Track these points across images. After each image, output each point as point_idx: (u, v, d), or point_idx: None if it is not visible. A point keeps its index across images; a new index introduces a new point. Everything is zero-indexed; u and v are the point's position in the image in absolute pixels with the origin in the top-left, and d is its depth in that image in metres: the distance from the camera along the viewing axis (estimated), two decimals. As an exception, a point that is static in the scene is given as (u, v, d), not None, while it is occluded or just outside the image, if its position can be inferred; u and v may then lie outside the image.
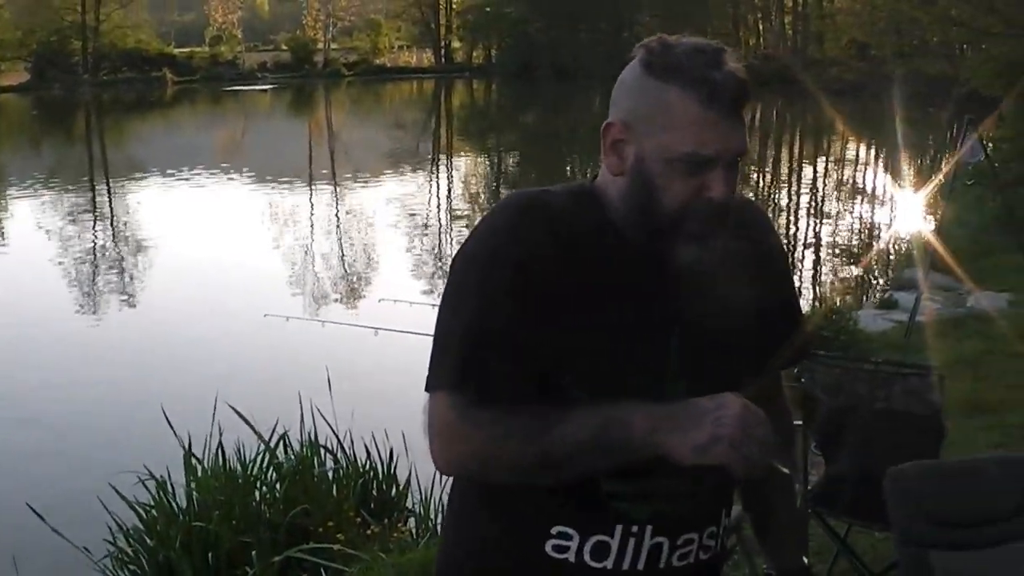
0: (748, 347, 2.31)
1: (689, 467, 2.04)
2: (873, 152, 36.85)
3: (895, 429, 4.86)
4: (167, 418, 6.83)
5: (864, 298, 14.35)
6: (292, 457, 6.81)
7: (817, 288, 15.09)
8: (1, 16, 75.54)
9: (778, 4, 78.23)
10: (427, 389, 2.15)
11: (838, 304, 11.23)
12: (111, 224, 22.66)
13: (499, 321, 2.10)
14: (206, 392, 7.39)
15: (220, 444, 6.75)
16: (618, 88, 2.19)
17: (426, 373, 2.15)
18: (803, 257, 18.47)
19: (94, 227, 21.88)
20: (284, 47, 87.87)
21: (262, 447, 6.76)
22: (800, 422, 5.49)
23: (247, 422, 6.75)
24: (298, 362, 10.73)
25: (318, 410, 7.10)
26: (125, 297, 16.01)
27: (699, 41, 2.13)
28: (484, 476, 2.18)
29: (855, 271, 16.80)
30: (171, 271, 17.51)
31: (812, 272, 17.03)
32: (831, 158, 36.86)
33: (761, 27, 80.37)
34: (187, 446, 6.77)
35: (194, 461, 6.72)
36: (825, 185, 29.56)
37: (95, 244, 19.94)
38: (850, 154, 37.40)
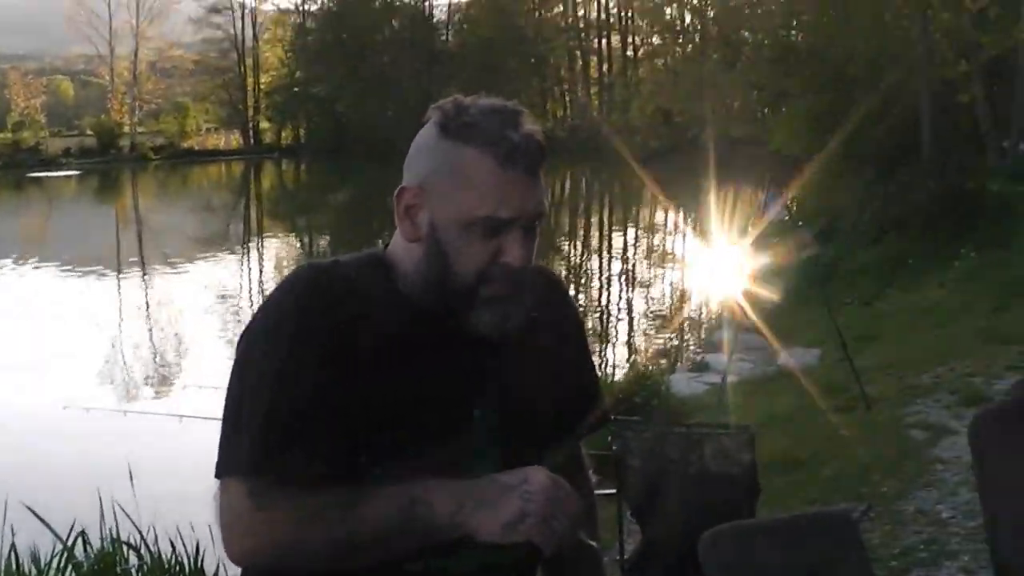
0: (549, 418, 2.23)
1: (495, 544, 1.95)
2: (682, 217, 37.42)
3: (709, 490, 4.79)
4: None
5: (677, 362, 14.44)
6: (92, 556, 6.43)
7: (629, 354, 15.13)
8: None
9: (583, 76, 79.65)
10: (218, 475, 2.00)
11: (650, 369, 11.25)
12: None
13: (295, 398, 1.98)
14: (-3, 490, 6.95)
15: (13, 546, 6.34)
16: (412, 152, 2.11)
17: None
18: (615, 325, 18.58)
19: None
20: (89, 132, 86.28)
21: (59, 547, 6.36)
22: (614, 491, 5.43)
23: (41, 520, 6.34)
24: (99, 454, 10.22)
25: (119, 505, 6.72)
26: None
27: (495, 102, 2.07)
28: (282, 565, 2.02)
29: (667, 336, 16.93)
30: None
31: (624, 339, 17.11)
32: (641, 224, 37.41)
33: (568, 99, 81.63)
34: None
35: None
36: (635, 251, 29.96)
37: None
38: (659, 219, 37.97)
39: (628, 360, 12.79)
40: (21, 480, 8.33)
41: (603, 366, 13.76)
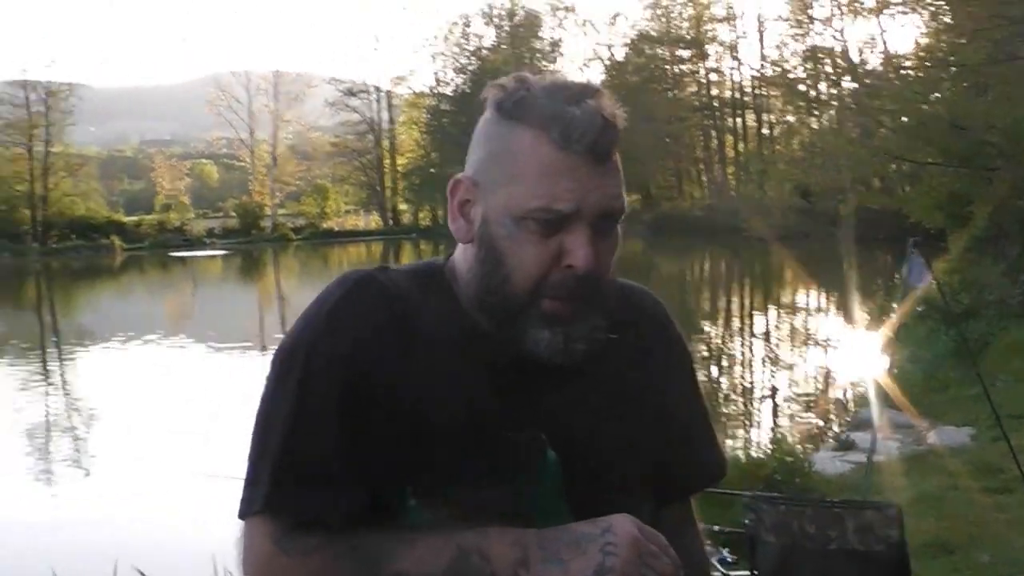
0: (642, 465, 1.89)
1: None
2: (823, 295, 36.79)
3: (851, 570, 4.39)
4: None
5: (821, 441, 13.95)
6: None
7: (771, 433, 14.68)
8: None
9: (719, 154, 79.33)
10: (240, 516, 1.74)
11: (792, 447, 10.81)
12: (63, 392, 22.04)
13: (319, 431, 1.70)
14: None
15: None
16: (472, 140, 1.81)
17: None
18: (757, 404, 18.13)
19: (46, 395, 21.30)
20: (232, 213, 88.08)
21: None
22: (747, 573, 5.05)
23: None
24: (219, 522, 9.99)
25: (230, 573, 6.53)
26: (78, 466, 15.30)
27: (565, 78, 1.78)
28: None
29: (810, 415, 16.44)
30: (121, 436, 16.75)
31: (766, 418, 16.65)
32: (782, 304, 36.77)
33: (703, 178, 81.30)
34: None
35: None
36: (777, 331, 29.36)
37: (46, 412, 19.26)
38: (800, 299, 37.33)
39: (770, 439, 12.35)
40: (136, 544, 8.11)
41: (744, 446, 13.33)
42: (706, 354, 23.86)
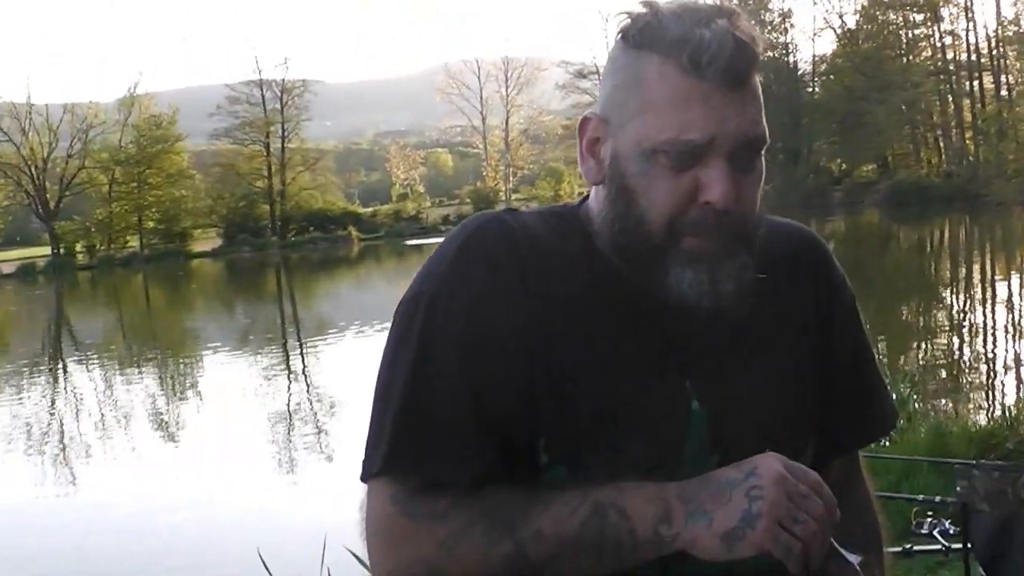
0: (798, 417, 1.74)
1: (720, 566, 1.50)
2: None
3: (1071, 536, 4.17)
4: (264, 564, 6.12)
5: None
6: None
7: (1003, 400, 14.14)
8: (194, 186, 79.18)
9: (956, 119, 76.94)
10: (362, 478, 1.63)
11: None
12: (305, 381, 22.61)
13: (444, 385, 1.58)
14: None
15: None
16: (603, 74, 1.69)
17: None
18: (995, 375, 17.52)
19: (288, 385, 21.89)
20: (467, 200, 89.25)
21: None
22: (960, 545, 4.87)
23: (362, 562, 5.96)
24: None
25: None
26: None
27: (698, 1, 1.61)
28: None
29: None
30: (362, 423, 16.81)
31: (1004, 389, 16.07)
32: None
33: (941, 144, 78.93)
34: None
35: None
36: (1021, 299, 28.34)
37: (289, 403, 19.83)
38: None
39: (1003, 407, 11.90)
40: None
41: (975, 415, 12.88)
42: (946, 324, 23.28)
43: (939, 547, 5.70)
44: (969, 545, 4.56)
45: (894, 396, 10.13)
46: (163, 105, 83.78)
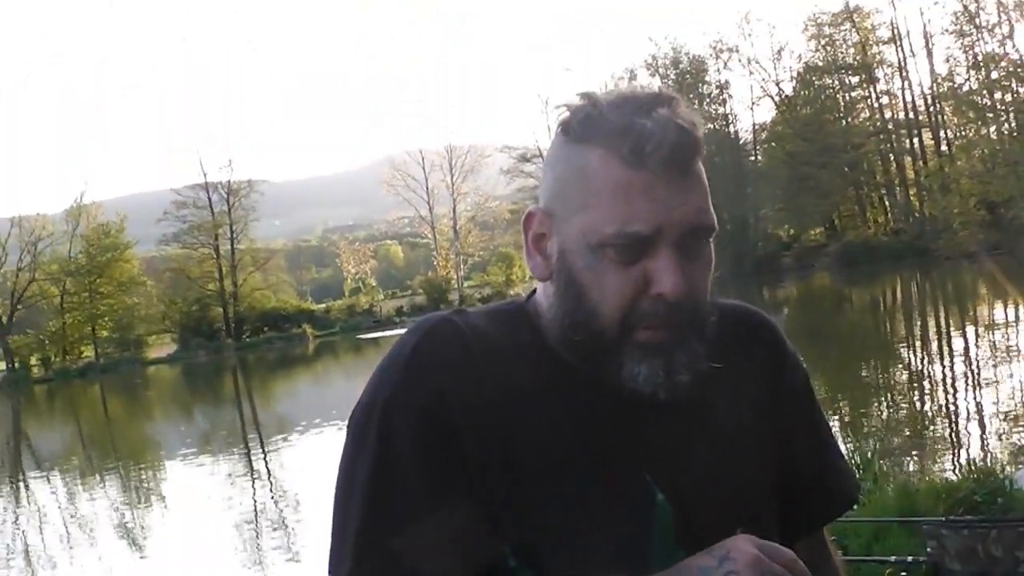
0: (761, 500, 1.72)
1: None
2: (1021, 309, 35.66)
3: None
4: None
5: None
6: None
7: (967, 452, 14.20)
8: (147, 292, 78.98)
9: (900, 177, 77.69)
10: None
11: (992, 468, 10.39)
12: (268, 482, 22.42)
13: (404, 490, 1.54)
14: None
15: None
16: (544, 167, 1.69)
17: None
18: (952, 423, 17.59)
19: (253, 490, 21.70)
20: (419, 290, 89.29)
21: None
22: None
23: None
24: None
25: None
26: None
27: (636, 90, 1.60)
28: None
29: (1013, 433, 15.87)
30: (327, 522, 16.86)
31: (963, 438, 16.13)
32: (978, 322, 35.73)
33: (887, 203, 79.64)
34: None
35: None
36: (976, 350, 28.50)
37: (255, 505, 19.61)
38: (998, 316, 36.23)
39: (967, 460, 11.95)
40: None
41: (940, 469, 12.93)
42: (904, 379, 23.39)
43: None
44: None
45: (858, 458, 10.16)
46: (110, 213, 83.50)
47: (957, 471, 11.05)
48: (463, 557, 1.53)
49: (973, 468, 9.99)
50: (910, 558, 6.01)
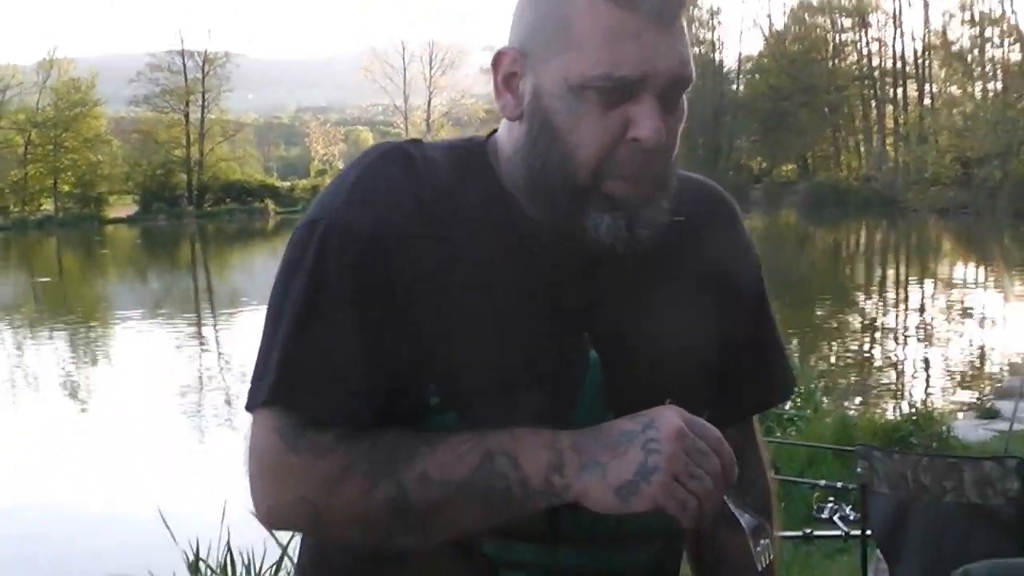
0: (700, 374, 1.69)
1: (612, 518, 1.47)
2: (980, 269, 35.94)
3: (967, 523, 4.21)
4: (164, 521, 6.14)
5: (962, 409, 13.57)
6: None
7: (909, 399, 14.33)
8: (112, 152, 78.32)
9: (879, 126, 77.79)
10: (247, 407, 1.55)
11: (932, 413, 10.49)
12: (217, 352, 22.46)
13: (334, 317, 1.51)
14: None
15: (228, 549, 6.03)
16: (516, 7, 1.60)
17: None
18: (900, 372, 17.76)
19: (199, 355, 21.74)
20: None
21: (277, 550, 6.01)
22: (859, 532, 4.92)
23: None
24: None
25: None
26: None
27: None
28: (318, 530, 1.58)
29: (956, 386, 16.04)
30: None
31: (908, 384, 16.31)
32: (938, 277, 35.98)
33: (862, 150, 79.75)
34: (195, 552, 6.07)
35: (201, 566, 6.01)
36: (931, 304, 28.71)
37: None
38: (957, 273, 36.47)
39: (910, 404, 12.06)
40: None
41: (881, 408, 13.06)
42: (857, 325, 23.54)
43: (839, 532, 5.75)
44: (868, 531, 4.60)
45: (801, 388, 10.20)
46: (83, 70, 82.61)
47: (898, 414, 11.15)
48: (384, 390, 1.52)
49: (914, 412, 10.10)
50: (840, 484, 6.07)
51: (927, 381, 16.62)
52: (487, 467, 1.45)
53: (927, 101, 74.97)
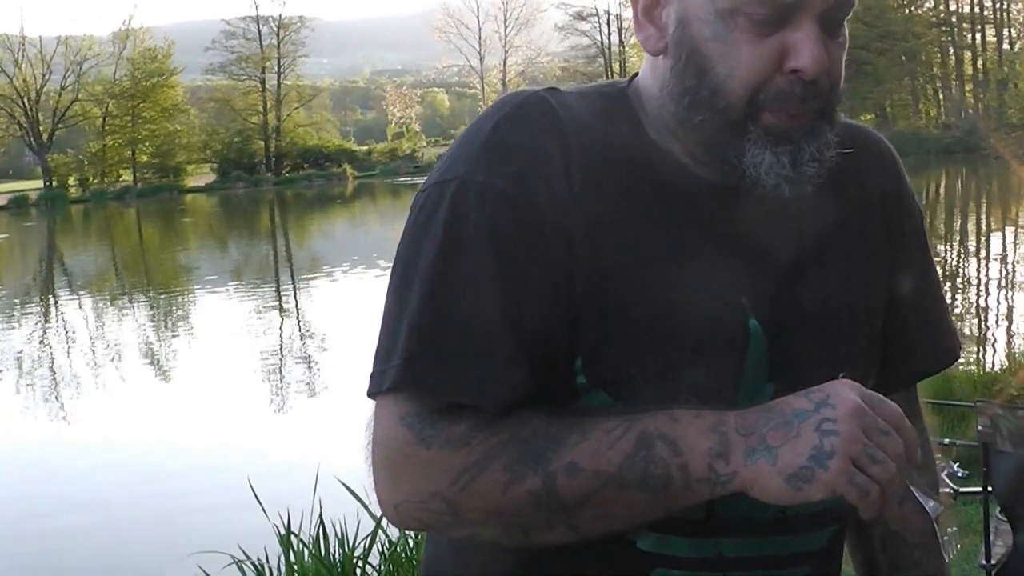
0: (865, 339, 1.52)
1: (776, 508, 1.32)
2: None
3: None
4: (255, 493, 6.05)
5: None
6: (407, 536, 5.89)
7: (1008, 349, 14.01)
8: (189, 121, 79.07)
9: (957, 72, 76.67)
10: (369, 394, 1.38)
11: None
12: (296, 319, 22.44)
13: (469, 288, 1.34)
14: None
15: (321, 522, 5.88)
16: None
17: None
18: (993, 322, 17.42)
19: (280, 322, 21.74)
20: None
21: (371, 524, 5.92)
22: (979, 488, 4.73)
23: (354, 494, 5.81)
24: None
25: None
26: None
27: None
28: (453, 529, 1.38)
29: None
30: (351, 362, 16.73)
31: (1003, 335, 15.97)
32: (1020, 225, 35.37)
33: (941, 97, 78.63)
34: (286, 525, 5.91)
35: (293, 540, 5.85)
36: (1016, 251, 28.21)
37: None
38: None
39: (1007, 355, 11.74)
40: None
41: (979, 362, 12.77)
42: (942, 272, 23.19)
43: (948, 489, 5.59)
44: (990, 489, 4.41)
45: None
46: (159, 39, 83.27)
47: (992, 365, 10.90)
48: (528, 366, 1.34)
49: (1012, 362, 9.86)
50: (946, 440, 5.89)
51: (1011, 332, 16.29)
52: (643, 454, 1.28)
53: (1005, 46, 73.74)
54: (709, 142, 1.38)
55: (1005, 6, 74.43)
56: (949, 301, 19.06)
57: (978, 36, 76.86)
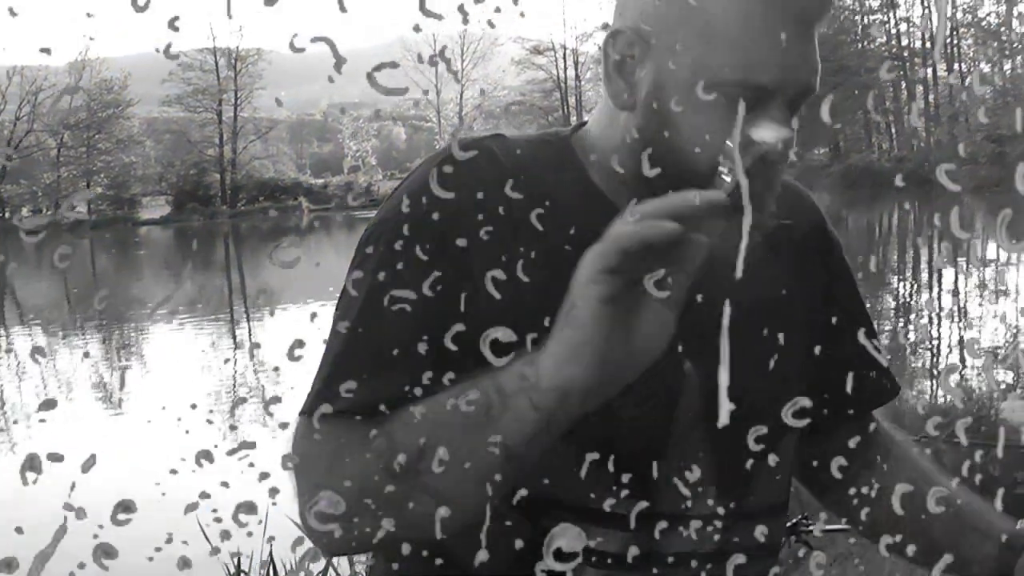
0: (797, 385, 1.53)
1: (724, 542, 1.40)
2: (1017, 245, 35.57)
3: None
4: (204, 532, 6.06)
5: (1011, 390, 13.39)
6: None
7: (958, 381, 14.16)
8: (145, 153, 78.87)
9: (909, 106, 77.54)
10: (299, 413, 1.45)
11: (979, 394, 10.32)
12: (248, 353, 22.33)
13: (395, 316, 1.35)
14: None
15: (272, 562, 5.97)
16: None
17: None
18: (941, 355, 17.57)
19: (233, 357, 21.63)
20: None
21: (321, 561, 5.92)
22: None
23: (305, 532, 5.83)
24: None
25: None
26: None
27: None
28: (356, 530, 1.32)
29: (1000, 367, 15.84)
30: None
31: (950, 367, 16.11)
32: (972, 257, 35.69)
33: (893, 130, 79.36)
34: (236, 565, 6.03)
35: None
36: (966, 284, 28.46)
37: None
38: (991, 252, 36.19)
39: (955, 385, 11.87)
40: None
41: (927, 393, 12.89)
42: (893, 306, 23.38)
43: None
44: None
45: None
46: (115, 70, 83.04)
47: (938, 398, 11.00)
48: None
49: (962, 393, 9.92)
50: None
51: (963, 365, 16.46)
52: (468, 394, 1.24)
53: (954, 80, 74.59)
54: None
55: (956, 42, 75.26)
56: (903, 333, 19.28)
57: (929, 70, 77.69)
